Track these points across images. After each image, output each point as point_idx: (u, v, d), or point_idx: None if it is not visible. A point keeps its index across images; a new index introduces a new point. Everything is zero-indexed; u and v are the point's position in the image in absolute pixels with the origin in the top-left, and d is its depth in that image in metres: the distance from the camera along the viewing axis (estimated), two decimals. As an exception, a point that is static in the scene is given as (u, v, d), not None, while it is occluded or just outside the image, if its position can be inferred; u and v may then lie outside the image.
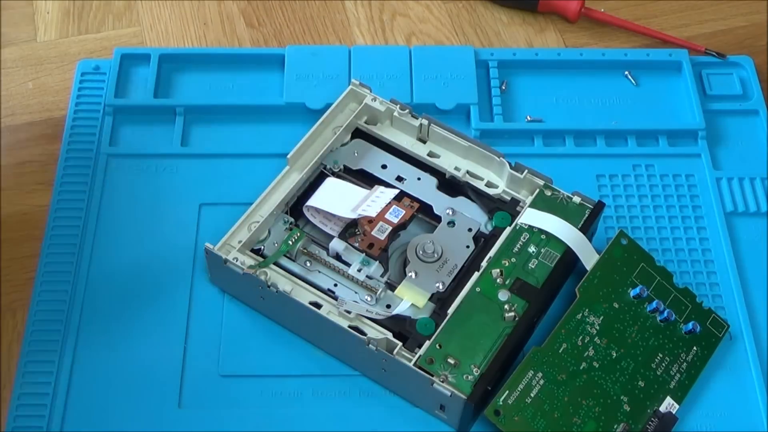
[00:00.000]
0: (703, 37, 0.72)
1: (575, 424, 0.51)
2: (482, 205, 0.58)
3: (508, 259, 0.55)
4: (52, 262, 0.59)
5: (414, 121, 0.60)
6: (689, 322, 0.55)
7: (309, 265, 0.56)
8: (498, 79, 0.68)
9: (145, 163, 0.63)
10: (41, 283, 0.58)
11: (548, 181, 0.58)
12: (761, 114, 0.67)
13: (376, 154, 0.60)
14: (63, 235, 0.60)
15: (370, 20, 0.73)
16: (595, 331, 0.54)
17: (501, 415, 0.51)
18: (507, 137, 0.65)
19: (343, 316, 0.53)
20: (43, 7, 0.73)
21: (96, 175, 0.62)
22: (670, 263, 0.60)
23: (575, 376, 0.52)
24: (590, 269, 0.55)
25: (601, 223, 0.60)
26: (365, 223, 0.57)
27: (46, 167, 0.64)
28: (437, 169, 0.60)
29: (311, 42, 0.72)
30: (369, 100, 0.61)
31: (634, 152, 0.65)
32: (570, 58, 0.69)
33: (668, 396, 0.53)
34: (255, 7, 0.74)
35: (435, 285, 0.55)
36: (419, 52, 0.69)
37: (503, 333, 0.52)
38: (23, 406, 0.53)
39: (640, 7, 0.74)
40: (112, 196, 0.62)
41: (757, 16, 0.74)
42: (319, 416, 0.54)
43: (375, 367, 0.53)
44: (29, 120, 0.66)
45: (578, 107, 0.68)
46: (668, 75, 0.69)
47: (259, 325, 0.56)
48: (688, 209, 0.62)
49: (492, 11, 0.74)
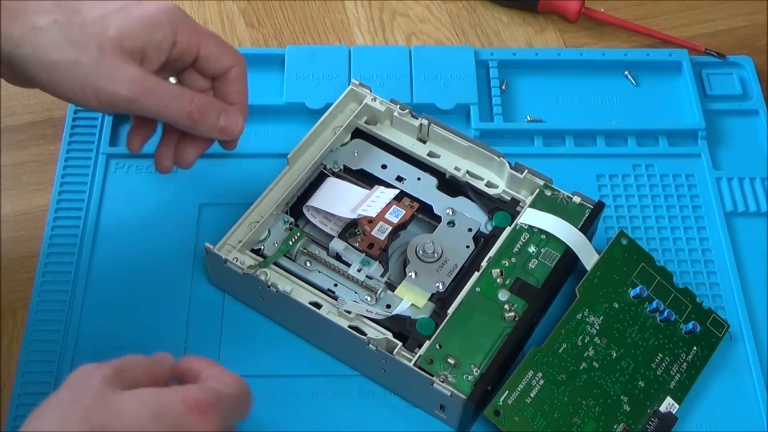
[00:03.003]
0: (703, 37, 0.72)
1: (575, 424, 0.51)
2: (482, 205, 0.58)
3: (508, 259, 0.55)
4: (52, 262, 0.59)
5: (414, 121, 0.60)
6: (689, 322, 0.55)
7: (309, 265, 0.56)
8: (498, 79, 0.68)
9: (145, 163, 0.63)
10: (41, 283, 0.58)
11: (548, 181, 0.58)
12: (761, 114, 0.67)
13: (376, 154, 0.60)
14: (63, 235, 0.60)
15: (370, 20, 0.73)
16: (595, 331, 0.54)
17: (501, 415, 0.51)
18: (507, 137, 0.65)
19: (343, 316, 0.53)
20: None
21: (96, 175, 0.62)
22: (670, 263, 0.60)
23: (575, 376, 0.52)
24: (590, 269, 0.55)
25: (601, 223, 0.60)
26: (365, 223, 0.57)
27: (46, 167, 0.64)
28: (437, 169, 0.60)
29: (311, 42, 0.72)
30: (369, 100, 0.61)
31: (634, 152, 0.65)
32: (570, 58, 0.69)
33: (668, 396, 0.53)
34: (255, 7, 0.74)
35: (435, 285, 0.55)
36: (419, 52, 0.69)
37: (503, 333, 0.52)
38: (23, 406, 0.53)
39: (640, 7, 0.74)
40: (112, 196, 0.62)
41: (757, 16, 0.74)
42: (319, 416, 0.54)
43: (375, 367, 0.53)
44: (29, 120, 0.66)
45: (578, 107, 0.68)
46: (668, 75, 0.69)
47: (259, 325, 0.56)
48: (688, 209, 0.62)
49: (492, 11, 0.74)
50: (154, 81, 0.49)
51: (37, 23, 0.48)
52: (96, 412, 0.39)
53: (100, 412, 0.39)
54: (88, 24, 0.49)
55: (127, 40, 0.49)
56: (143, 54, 0.50)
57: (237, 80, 0.53)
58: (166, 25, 0.50)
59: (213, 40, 0.52)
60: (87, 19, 0.49)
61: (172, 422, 0.39)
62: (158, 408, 0.40)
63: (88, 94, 0.49)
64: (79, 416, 0.39)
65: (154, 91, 0.49)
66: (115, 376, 0.41)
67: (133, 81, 0.48)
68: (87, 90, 0.48)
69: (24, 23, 0.48)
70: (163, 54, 0.50)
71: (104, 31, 0.49)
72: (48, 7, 0.49)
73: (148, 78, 0.49)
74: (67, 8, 0.49)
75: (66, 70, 0.48)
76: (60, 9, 0.49)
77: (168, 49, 0.50)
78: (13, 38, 0.48)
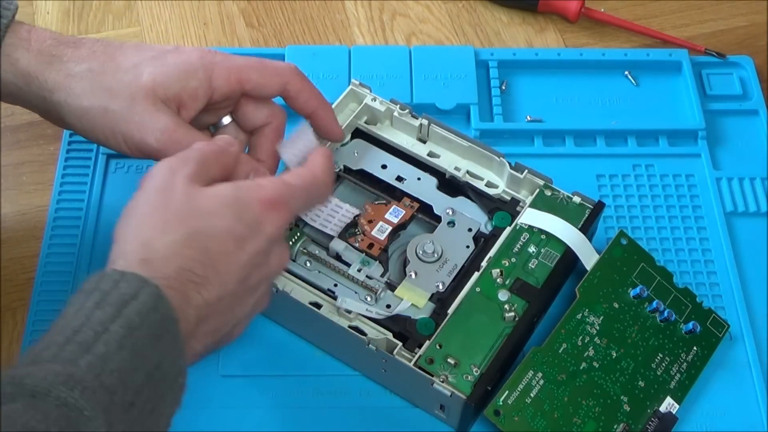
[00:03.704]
0: (703, 37, 0.72)
1: (575, 424, 0.51)
2: (482, 205, 0.58)
3: (508, 259, 0.55)
4: (52, 262, 0.59)
5: (414, 121, 0.60)
6: (689, 322, 0.55)
7: (309, 265, 0.56)
8: (498, 79, 0.68)
9: (146, 163, 0.63)
10: (41, 283, 0.58)
11: (548, 181, 0.58)
12: (761, 114, 0.67)
13: (376, 154, 0.60)
14: (63, 235, 0.60)
15: (370, 20, 0.73)
16: (595, 331, 0.54)
17: (501, 415, 0.51)
18: (507, 137, 0.65)
19: (343, 316, 0.53)
20: (43, 7, 0.73)
21: (96, 175, 0.62)
22: (670, 263, 0.60)
23: (575, 376, 0.52)
24: (590, 269, 0.55)
25: (601, 223, 0.60)
26: (365, 223, 0.57)
27: (46, 167, 0.64)
28: (437, 169, 0.60)
29: (311, 42, 0.72)
30: (369, 100, 0.61)
31: (634, 152, 0.65)
32: (570, 58, 0.69)
33: (668, 396, 0.53)
34: (255, 7, 0.74)
35: (435, 285, 0.55)
36: (419, 52, 0.69)
37: (503, 333, 0.52)
38: (23, 406, 0.53)
39: (640, 7, 0.74)
40: (112, 196, 0.62)
41: (757, 16, 0.74)
42: (319, 416, 0.54)
43: (375, 367, 0.53)
44: (29, 120, 0.66)
45: (578, 107, 0.68)
46: (668, 75, 0.69)
47: (259, 325, 0.56)
48: (688, 209, 0.62)
49: (492, 11, 0.74)
50: (184, 133, 0.50)
51: (72, 70, 0.50)
52: (189, 216, 0.43)
53: (193, 214, 0.44)
54: (122, 71, 0.50)
55: (160, 88, 0.49)
56: (179, 101, 0.50)
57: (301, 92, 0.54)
58: (200, 72, 0.51)
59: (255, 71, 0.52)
60: (121, 67, 0.50)
61: (251, 219, 0.45)
62: (239, 207, 0.44)
63: (119, 140, 0.50)
64: (174, 221, 0.43)
65: (182, 144, 0.49)
66: (196, 174, 0.45)
67: (163, 131, 0.49)
68: (117, 136, 0.50)
69: (59, 70, 0.50)
70: (200, 101, 0.51)
71: (137, 79, 0.50)
72: (84, 55, 0.50)
73: (178, 129, 0.50)
74: (103, 55, 0.51)
75: (98, 116, 0.50)
76: (96, 56, 0.50)
77: (205, 96, 0.51)
78: (47, 84, 0.50)
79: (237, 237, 0.44)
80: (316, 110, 0.55)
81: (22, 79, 0.50)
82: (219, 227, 0.44)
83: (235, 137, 0.54)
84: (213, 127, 0.55)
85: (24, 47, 0.50)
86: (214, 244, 0.43)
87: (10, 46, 0.50)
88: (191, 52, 0.51)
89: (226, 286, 0.43)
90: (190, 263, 0.42)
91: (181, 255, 0.42)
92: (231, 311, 0.45)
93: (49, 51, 0.50)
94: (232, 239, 0.44)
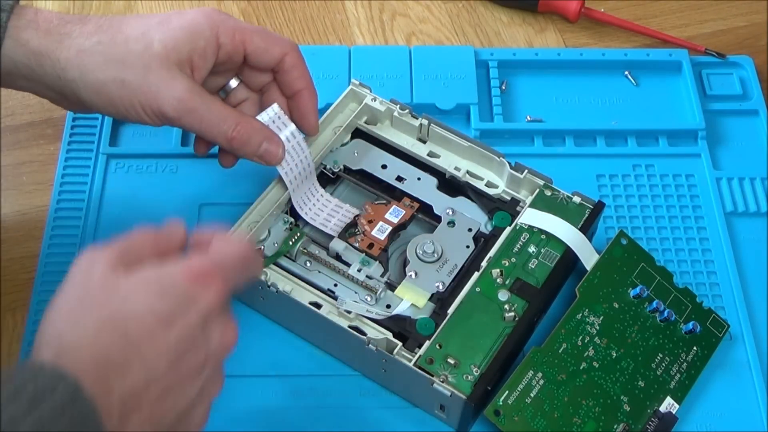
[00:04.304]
0: (703, 37, 0.72)
1: (575, 424, 0.51)
2: (482, 205, 0.58)
3: (508, 259, 0.55)
4: (52, 262, 0.59)
5: (414, 121, 0.60)
6: (689, 322, 0.55)
7: (309, 265, 0.56)
8: (498, 79, 0.68)
9: (145, 163, 0.63)
10: (41, 283, 0.58)
11: (548, 181, 0.58)
12: (761, 114, 0.67)
13: (376, 154, 0.60)
14: (63, 235, 0.60)
15: (370, 20, 0.73)
16: (595, 331, 0.54)
17: (501, 415, 0.51)
18: (507, 137, 0.65)
19: (343, 316, 0.53)
20: (43, 6, 0.73)
21: (96, 175, 0.62)
22: (670, 263, 0.60)
23: (575, 376, 0.52)
24: (590, 269, 0.55)
25: (601, 223, 0.60)
26: (365, 223, 0.57)
27: (46, 167, 0.64)
28: (437, 169, 0.60)
29: (311, 42, 0.72)
30: (369, 100, 0.61)
31: (634, 152, 0.65)
32: (570, 58, 0.69)
33: (668, 396, 0.53)
34: (255, 7, 0.74)
35: (435, 285, 0.55)
36: (419, 52, 0.69)
37: (503, 333, 0.52)
38: (23, 406, 0.53)
39: (640, 7, 0.74)
40: (112, 196, 0.62)
41: (757, 16, 0.74)
42: (319, 416, 0.54)
43: (375, 367, 0.53)
44: (29, 120, 0.66)
45: (578, 107, 0.68)
46: (668, 75, 0.69)
47: (259, 325, 0.56)
48: (688, 209, 0.62)
49: (492, 11, 0.74)
50: (200, 101, 0.50)
51: (83, 45, 0.50)
52: (105, 302, 0.40)
53: (109, 301, 0.40)
54: (132, 41, 0.50)
55: (172, 53, 0.49)
56: (191, 63, 0.50)
57: (295, 67, 0.54)
58: (207, 30, 0.51)
59: (258, 34, 0.53)
60: (130, 37, 0.50)
61: (178, 294, 0.40)
62: (162, 284, 0.41)
63: (138, 111, 0.50)
64: (90, 312, 0.39)
65: (198, 111, 0.49)
66: (119, 259, 0.41)
67: (179, 99, 0.49)
68: (136, 107, 0.50)
69: (69, 47, 0.50)
70: (209, 60, 0.51)
71: (148, 47, 0.50)
72: (91, 30, 0.50)
73: (194, 97, 0.50)
74: (110, 29, 0.50)
75: (115, 89, 0.49)
76: (103, 30, 0.50)
77: (213, 54, 0.51)
78: (60, 63, 0.50)
79: (161, 316, 0.40)
80: (302, 90, 0.55)
81: (35, 59, 0.50)
82: (138, 308, 0.40)
83: (246, 98, 0.54)
84: (222, 92, 0.55)
85: (33, 27, 0.50)
86: (133, 326, 0.39)
87: (19, 28, 0.50)
88: (195, 12, 0.51)
89: (155, 370, 0.39)
90: (106, 349, 0.38)
91: (95, 343, 0.39)
92: (169, 398, 0.40)
93: (57, 30, 0.50)
94: (154, 319, 0.40)
